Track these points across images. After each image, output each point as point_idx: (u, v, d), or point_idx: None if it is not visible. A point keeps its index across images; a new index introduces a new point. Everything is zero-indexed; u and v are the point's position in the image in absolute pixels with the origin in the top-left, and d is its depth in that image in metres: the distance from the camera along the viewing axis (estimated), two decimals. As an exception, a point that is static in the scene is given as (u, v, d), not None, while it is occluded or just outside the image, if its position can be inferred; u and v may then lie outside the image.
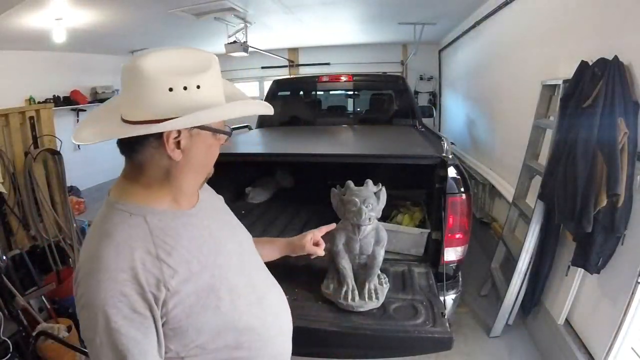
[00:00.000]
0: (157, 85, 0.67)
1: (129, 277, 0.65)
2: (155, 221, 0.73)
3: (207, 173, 0.83)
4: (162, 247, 0.71)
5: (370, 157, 2.24)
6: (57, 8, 3.23)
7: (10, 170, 2.50)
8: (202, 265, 0.76)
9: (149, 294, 0.66)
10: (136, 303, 0.65)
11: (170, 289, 0.69)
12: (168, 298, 0.68)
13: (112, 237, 0.68)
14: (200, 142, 0.75)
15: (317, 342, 1.58)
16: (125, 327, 0.64)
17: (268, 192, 3.30)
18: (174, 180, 0.76)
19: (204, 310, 0.74)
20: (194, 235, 0.78)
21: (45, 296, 2.30)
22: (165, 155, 0.72)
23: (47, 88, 5.19)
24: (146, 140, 0.70)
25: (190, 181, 0.79)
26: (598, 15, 1.97)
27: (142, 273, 0.66)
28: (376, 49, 7.02)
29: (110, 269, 0.65)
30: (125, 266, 0.66)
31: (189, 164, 0.75)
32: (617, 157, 1.57)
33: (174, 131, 0.70)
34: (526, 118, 2.53)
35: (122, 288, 0.65)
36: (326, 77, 4.11)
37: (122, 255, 0.67)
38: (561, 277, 2.11)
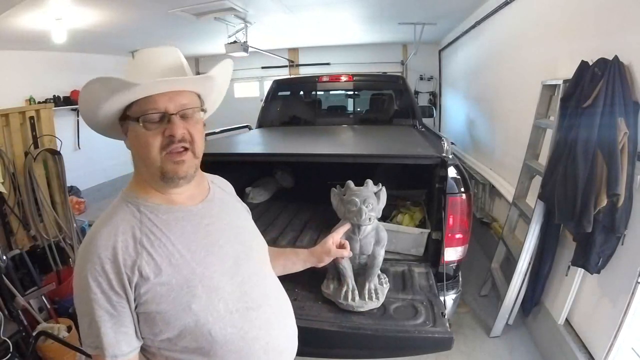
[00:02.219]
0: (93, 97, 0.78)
1: (110, 256, 0.72)
2: (147, 212, 0.79)
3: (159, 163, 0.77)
4: (147, 236, 0.76)
5: (370, 157, 2.24)
6: (57, 8, 3.23)
7: (10, 170, 2.50)
8: (185, 260, 0.77)
9: (124, 275, 0.72)
10: (113, 281, 0.72)
11: (143, 274, 0.73)
12: (140, 283, 0.73)
13: (109, 221, 0.77)
14: (130, 131, 0.78)
15: (317, 342, 1.58)
16: (102, 300, 0.72)
17: (268, 192, 3.30)
18: (136, 168, 0.82)
19: (175, 304, 0.75)
20: (185, 231, 0.80)
21: (45, 296, 2.30)
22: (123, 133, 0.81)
23: (47, 88, 5.19)
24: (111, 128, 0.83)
25: (145, 173, 0.80)
26: (598, 15, 1.97)
27: (121, 254, 0.73)
28: (376, 49, 7.02)
29: (98, 245, 0.73)
30: (109, 245, 0.73)
31: (133, 147, 0.79)
32: (617, 157, 1.57)
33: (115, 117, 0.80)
34: (526, 118, 2.53)
35: (104, 265, 0.72)
36: (326, 77, 4.11)
37: (110, 236, 0.74)
38: (561, 277, 2.11)
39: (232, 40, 4.68)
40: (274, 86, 4.16)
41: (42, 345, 2.02)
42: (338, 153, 2.42)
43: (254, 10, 4.03)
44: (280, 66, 7.47)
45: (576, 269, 1.94)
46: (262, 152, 2.72)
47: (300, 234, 2.46)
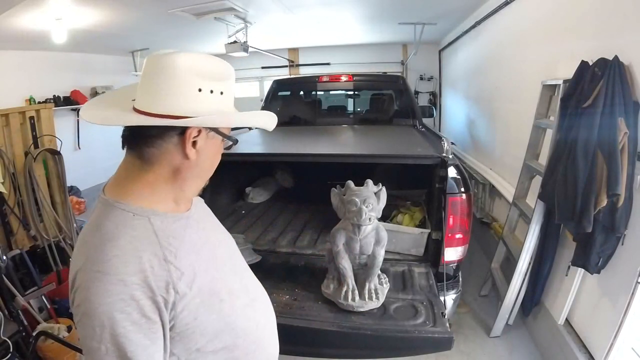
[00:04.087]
0: (188, 83, 0.68)
1: (138, 281, 0.63)
2: (158, 223, 0.70)
3: (208, 179, 0.83)
4: (168, 249, 0.68)
5: (371, 157, 2.24)
6: (57, 8, 3.23)
7: (10, 170, 2.50)
8: (203, 267, 0.75)
9: (159, 297, 0.64)
10: (145, 307, 0.63)
11: (179, 291, 0.67)
12: (177, 301, 0.67)
13: (117, 240, 0.65)
14: (212, 146, 0.76)
15: (317, 342, 1.58)
16: (133, 333, 0.62)
17: (268, 192, 3.30)
18: (181, 180, 0.75)
19: (208, 312, 0.73)
20: (193, 238, 0.76)
21: (45, 296, 2.30)
22: (180, 153, 0.72)
23: (47, 88, 5.18)
24: (167, 135, 0.70)
25: (193, 184, 0.78)
26: (598, 15, 1.97)
27: (152, 276, 0.64)
28: (376, 49, 7.02)
29: (118, 272, 0.62)
30: (134, 269, 0.63)
31: (198, 166, 0.75)
32: (617, 157, 1.57)
33: (195, 130, 0.71)
34: (526, 118, 2.53)
35: (133, 292, 0.62)
36: (326, 77, 4.11)
37: (129, 259, 0.64)
38: (561, 277, 2.11)
39: (232, 40, 4.68)
40: (274, 86, 4.17)
41: (42, 345, 2.02)
42: (338, 153, 2.42)
43: (254, 10, 4.03)
44: (280, 66, 7.47)
45: (576, 269, 1.94)
46: (262, 152, 2.72)
47: (300, 234, 2.46)
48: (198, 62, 0.70)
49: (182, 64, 0.67)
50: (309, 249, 2.27)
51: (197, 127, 0.71)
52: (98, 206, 0.72)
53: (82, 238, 0.69)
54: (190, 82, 0.68)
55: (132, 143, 0.72)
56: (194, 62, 0.69)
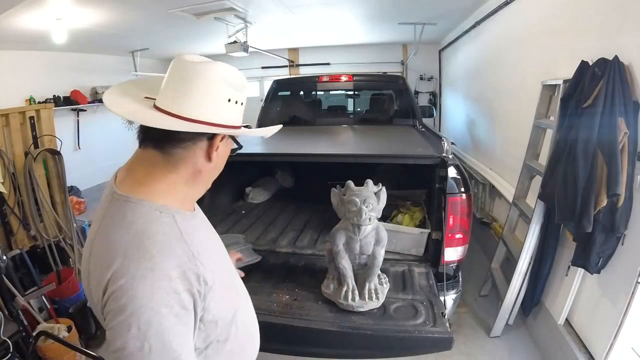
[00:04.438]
0: (221, 93, 0.74)
1: (179, 274, 0.66)
2: (180, 220, 0.72)
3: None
4: (192, 245, 0.71)
5: (371, 157, 2.25)
6: (57, 8, 3.23)
7: (10, 170, 2.50)
8: (217, 262, 0.79)
9: (194, 289, 0.67)
10: (185, 299, 0.66)
11: (208, 282, 0.70)
12: (207, 292, 0.70)
13: (154, 237, 0.67)
14: (226, 150, 0.82)
15: (317, 342, 1.58)
16: (177, 327, 0.64)
17: (268, 192, 3.30)
18: (200, 180, 0.79)
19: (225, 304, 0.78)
20: (202, 237, 0.78)
21: (45, 296, 2.30)
22: (204, 156, 0.76)
23: (47, 88, 5.18)
24: (199, 139, 0.74)
25: (204, 186, 0.83)
26: (598, 15, 1.97)
27: (187, 269, 0.67)
28: (376, 49, 7.02)
29: (163, 268, 0.64)
30: (174, 264, 0.66)
31: (215, 168, 0.81)
32: (617, 157, 1.57)
33: (221, 136, 0.76)
34: (526, 118, 2.53)
35: (175, 286, 0.65)
36: (326, 77, 4.11)
37: (169, 254, 0.67)
38: (561, 277, 2.11)
39: (232, 40, 4.68)
40: (274, 86, 4.17)
41: (42, 345, 2.02)
42: (338, 153, 2.42)
43: (254, 10, 4.03)
44: (280, 66, 7.47)
45: (576, 269, 1.94)
46: (262, 152, 2.72)
47: (300, 234, 2.46)
48: (229, 74, 0.75)
49: (218, 74, 0.73)
50: (309, 249, 2.27)
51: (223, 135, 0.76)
52: (115, 204, 0.72)
53: (109, 237, 0.68)
54: (223, 92, 0.74)
55: (159, 142, 0.74)
56: (225, 73, 0.74)
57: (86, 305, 2.46)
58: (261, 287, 1.82)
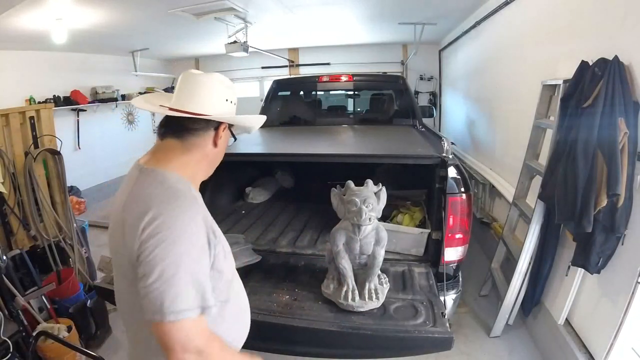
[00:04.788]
0: (221, 95, 0.99)
1: (202, 220, 0.87)
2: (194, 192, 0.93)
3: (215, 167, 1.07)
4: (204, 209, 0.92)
5: (371, 157, 2.25)
6: (57, 8, 3.23)
7: (10, 170, 2.49)
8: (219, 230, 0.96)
9: (210, 235, 0.88)
10: (205, 240, 0.86)
11: (217, 235, 0.91)
12: (216, 243, 0.90)
13: (183, 191, 0.88)
14: (225, 139, 1.03)
15: (317, 342, 1.58)
16: (203, 259, 0.85)
17: (268, 192, 3.30)
18: (206, 163, 1.01)
19: (227, 263, 0.98)
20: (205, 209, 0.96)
21: (45, 296, 2.30)
22: (211, 143, 0.99)
23: (47, 88, 5.18)
24: (208, 128, 0.97)
25: (209, 168, 1.04)
26: (598, 15, 1.97)
27: (206, 218, 0.90)
28: (376, 49, 7.02)
29: (192, 212, 0.85)
30: (198, 211, 0.88)
31: (218, 154, 1.02)
32: (617, 157, 1.57)
33: (224, 127, 0.99)
34: (526, 118, 2.53)
35: (200, 228, 0.85)
36: (326, 77, 4.11)
37: (195, 204, 0.88)
38: (561, 277, 2.11)
39: (232, 40, 4.68)
40: (274, 86, 4.17)
41: (42, 345, 2.02)
42: (338, 153, 2.42)
43: (254, 10, 4.03)
44: (280, 66, 7.47)
45: (576, 269, 1.94)
46: (262, 152, 2.72)
47: (300, 234, 2.46)
48: (224, 81, 1.00)
49: (216, 81, 0.98)
50: (309, 249, 2.27)
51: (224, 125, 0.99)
52: (144, 174, 0.91)
53: (144, 192, 0.87)
54: (222, 94, 0.99)
55: (178, 132, 0.95)
56: (221, 80, 1.00)
57: (86, 305, 2.46)
58: (261, 287, 1.82)
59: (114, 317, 2.72)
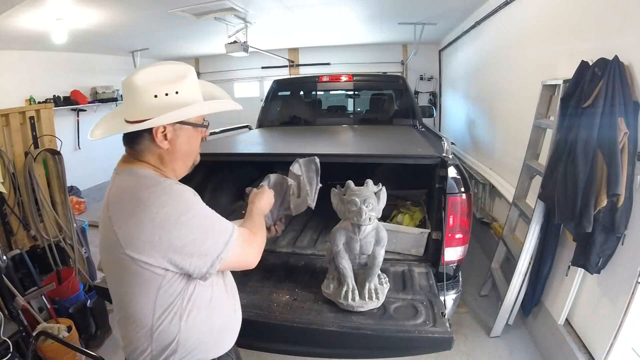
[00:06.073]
0: (144, 93, 0.91)
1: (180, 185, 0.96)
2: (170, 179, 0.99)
3: (194, 160, 1.07)
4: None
5: (371, 157, 2.24)
6: (57, 8, 3.23)
7: (10, 170, 2.49)
8: None
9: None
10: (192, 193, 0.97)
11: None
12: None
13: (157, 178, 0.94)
14: (183, 135, 0.98)
15: (317, 342, 1.58)
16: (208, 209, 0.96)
17: (268, 192, 3.29)
18: (168, 163, 1.00)
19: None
20: None
21: (45, 296, 2.30)
22: (156, 145, 0.96)
23: (47, 88, 5.18)
24: (141, 135, 0.95)
25: (179, 165, 1.02)
26: (598, 15, 1.97)
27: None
28: (376, 49, 7.02)
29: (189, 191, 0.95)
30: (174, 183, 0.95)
31: (175, 151, 0.99)
32: (617, 157, 1.57)
33: (161, 126, 0.93)
34: (526, 118, 2.53)
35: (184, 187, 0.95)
36: (326, 77, 4.10)
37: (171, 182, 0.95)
38: (561, 277, 2.11)
39: (232, 40, 4.68)
40: (274, 86, 4.16)
41: (42, 345, 2.02)
42: (338, 153, 2.42)
43: (254, 10, 4.03)
44: (280, 66, 7.47)
45: (576, 269, 1.94)
46: (262, 152, 2.72)
47: (300, 234, 2.46)
48: (150, 75, 0.93)
49: (137, 80, 0.91)
50: (309, 249, 2.27)
51: (161, 125, 0.93)
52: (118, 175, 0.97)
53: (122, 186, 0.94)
54: (146, 92, 0.91)
55: (126, 144, 0.99)
56: (147, 76, 0.92)
57: (86, 305, 2.46)
58: (261, 287, 1.82)
59: (114, 317, 2.72)
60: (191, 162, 1.06)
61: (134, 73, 0.92)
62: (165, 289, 0.92)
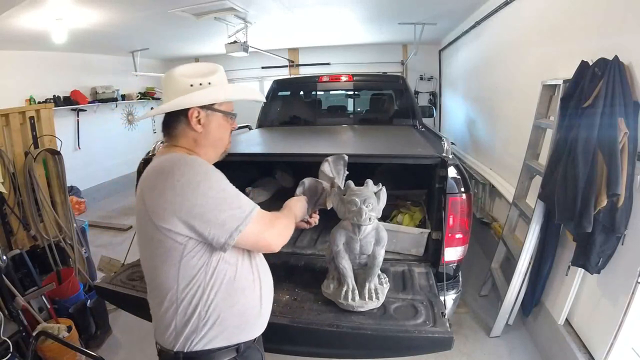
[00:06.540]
0: (182, 83, 1.05)
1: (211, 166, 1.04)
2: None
3: (224, 148, 1.17)
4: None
5: (371, 157, 2.24)
6: (57, 8, 3.23)
7: (10, 170, 2.49)
8: None
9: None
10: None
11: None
12: None
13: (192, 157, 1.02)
14: (214, 121, 1.10)
15: (317, 342, 1.58)
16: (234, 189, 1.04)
17: (268, 192, 3.29)
18: (202, 146, 1.10)
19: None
20: None
21: (45, 296, 2.29)
22: (192, 129, 1.07)
23: (47, 88, 5.18)
24: (178, 119, 1.07)
25: (210, 151, 1.12)
26: (598, 15, 1.97)
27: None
28: (376, 49, 7.02)
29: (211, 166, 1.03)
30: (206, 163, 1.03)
31: (208, 135, 1.09)
32: (617, 157, 1.57)
33: (196, 111, 1.05)
34: (526, 118, 2.53)
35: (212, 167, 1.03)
36: (326, 77, 4.11)
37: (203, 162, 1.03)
38: (561, 277, 2.11)
39: (232, 40, 4.68)
40: (274, 86, 4.16)
41: (42, 345, 2.02)
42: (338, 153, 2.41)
43: (254, 10, 4.03)
44: (280, 66, 7.46)
45: (576, 269, 1.94)
46: (262, 152, 2.72)
47: (300, 234, 2.46)
48: (188, 69, 1.08)
49: (176, 72, 1.07)
50: (309, 249, 2.27)
51: (196, 109, 1.05)
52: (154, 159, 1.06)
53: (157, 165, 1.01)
54: (183, 82, 1.05)
55: (164, 129, 1.11)
56: (184, 70, 1.08)
57: (86, 305, 2.46)
58: (261, 287, 1.82)
59: (114, 317, 2.72)
60: (222, 150, 1.16)
61: (174, 68, 1.08)
62: (187, 259, 0.97)
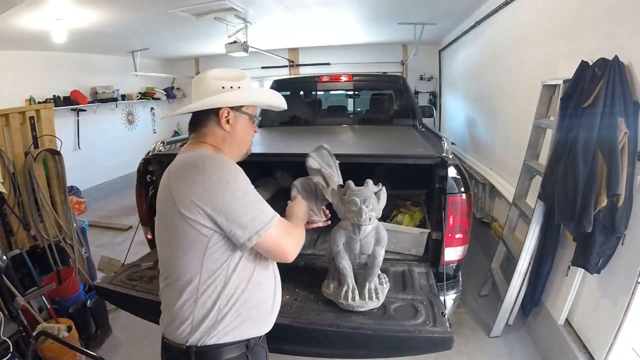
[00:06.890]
0: (214, 85, 1.12)
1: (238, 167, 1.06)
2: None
3: (247, 149, 1.24)
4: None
5: (371, 157, 2.24)
6: (57, 8, 3.23)
7: (10, 170, 2.49)
8: None
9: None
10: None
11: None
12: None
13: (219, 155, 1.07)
14: (241, 122, 1.16)
15: (317, 342, 1.58)
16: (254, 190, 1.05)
17: (268, 192, 3.29)
18: (228, 145, 1.15)
19: None
20: None
21: (45, 296, 2.29)
22: (220, 128, 1.13)
23: (47, 88, 5.18)
24: (209, 117, 1.13)
25: (235, 150, 1.18)
26: (598, 15, 1.97)
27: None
28: (376, 49, 7.02)
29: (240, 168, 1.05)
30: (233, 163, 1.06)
31: (234, 135, 1.15)
32: (617, 157, 1.57)
33: (225, 111, 1.12)
34: (526, 118, 2.53)
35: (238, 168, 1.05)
36: (326, 77, 4.10)
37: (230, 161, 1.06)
38: (561, 277, 2.11)
39: (232, 40, 4.68)
40: (274, 86, 4.16)
41: (42, 345, 2.02)
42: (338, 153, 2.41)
43: (254, 10, 4.03)
44: (280, 66, 7.47)
45: (576, 269, 1.94)
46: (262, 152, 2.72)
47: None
48: (220, 73, 1.15)
49: (209, 75, 1.13)
50: (309, 249, 2.27)
51: (226, 109, 1.12)
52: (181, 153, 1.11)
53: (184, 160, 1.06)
54: (216, 84, 1.12)
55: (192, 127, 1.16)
56: (217, 73, 1.14)
57: (86, 305, 2.46)
58: (261, 287, 1.82)
59: (114, 317, 2.72)
60: (245, 150, 1.22)
61: (207, 71, 1.14)
62: (211, 252, 1.01)
